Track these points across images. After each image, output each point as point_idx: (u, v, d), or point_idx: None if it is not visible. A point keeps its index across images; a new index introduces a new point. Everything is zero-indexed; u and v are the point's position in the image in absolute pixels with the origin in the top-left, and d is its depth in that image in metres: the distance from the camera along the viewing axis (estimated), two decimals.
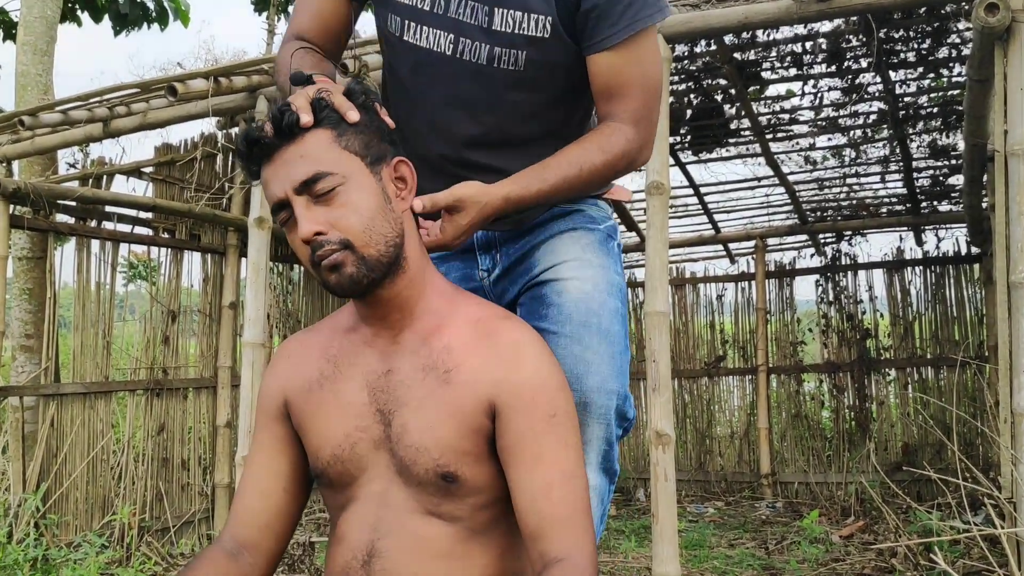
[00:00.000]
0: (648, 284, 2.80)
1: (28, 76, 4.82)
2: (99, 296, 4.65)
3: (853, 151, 5.49)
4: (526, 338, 1.35)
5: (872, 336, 5.95)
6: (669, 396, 2.72)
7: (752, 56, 4.66)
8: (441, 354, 1.34)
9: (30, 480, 4.25)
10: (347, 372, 1.39)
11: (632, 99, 1.45)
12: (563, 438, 1.30)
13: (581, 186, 1.45)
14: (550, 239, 1.59)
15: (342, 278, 1.29)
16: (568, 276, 1.54)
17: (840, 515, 5.26)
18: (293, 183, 1.28)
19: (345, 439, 1.36)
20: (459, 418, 1.31)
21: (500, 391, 1.30)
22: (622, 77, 1.44)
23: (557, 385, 1.33)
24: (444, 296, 1.41)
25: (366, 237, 1.29)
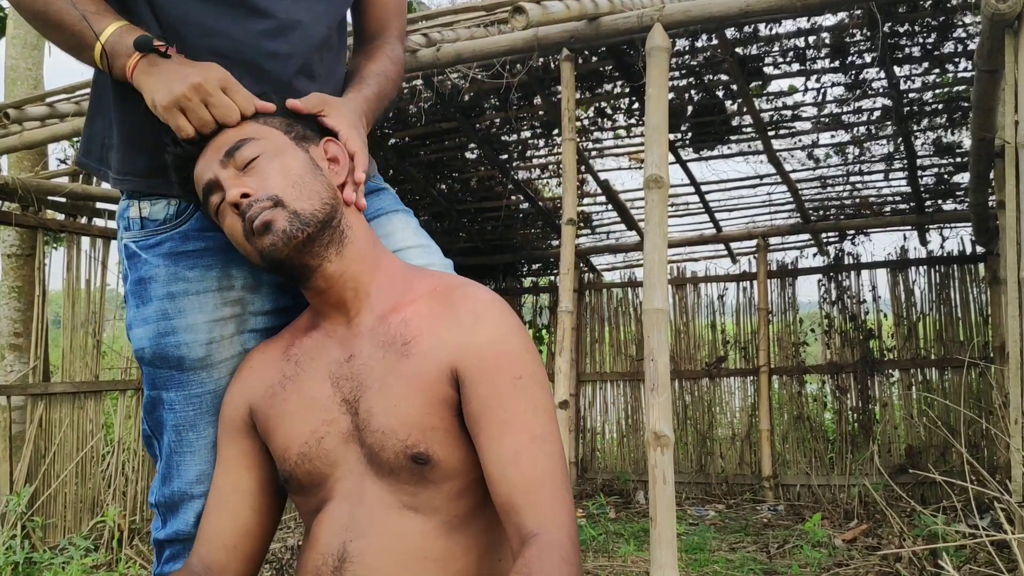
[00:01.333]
0: (646, 281, 2.71)
1: (18, 70, 4.75)
2: (89, 295, 4.57)
3: (856, 148, 5.40)
4: (485, 299, 1.28)
5: (875, 337, 5.86)
6: (668, 396, 2.63)
7: (754, 51, 4.58)
8: (399, 328, 1.27)
9: (17, 481, 4.17)
10: (309, 367, 1.32)
11: (401, 18, 1.67)
12: (531, 401, 1.22)
13: (389, 95, 1.56)
14: (375, 219, 1.52)
15: (275, 237, 1.21)
16: (422, 263, 1.49)
17: (843, 518, 5.17)
18: (218, 158, 1.25)
19: (311, 435, 1.28)
20: (422, 391, 1.23)
21: (461, 356, 1.22)
22: (393, 2, 1.64)
23: (521, 346, 1.25)
24: (398, 272, 1.35)
25: (296, 191, 1.24)
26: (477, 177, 6.10)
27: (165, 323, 1.42)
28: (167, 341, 1.42)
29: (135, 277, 1.45)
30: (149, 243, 1.44)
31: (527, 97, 5.12)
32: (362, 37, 1.65)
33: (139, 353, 1.45)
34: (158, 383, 1.45)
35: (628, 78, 4.73)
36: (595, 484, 6.27)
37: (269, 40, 1.39)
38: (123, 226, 1.48)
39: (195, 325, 1.43)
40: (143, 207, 1.45)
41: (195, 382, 1.44)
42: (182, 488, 1.46)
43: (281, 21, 1.39)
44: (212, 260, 1.44)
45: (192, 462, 1.45)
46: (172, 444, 1.46)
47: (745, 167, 7.62)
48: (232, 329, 1.45)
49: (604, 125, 5.48)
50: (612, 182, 5.93)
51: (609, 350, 6.59)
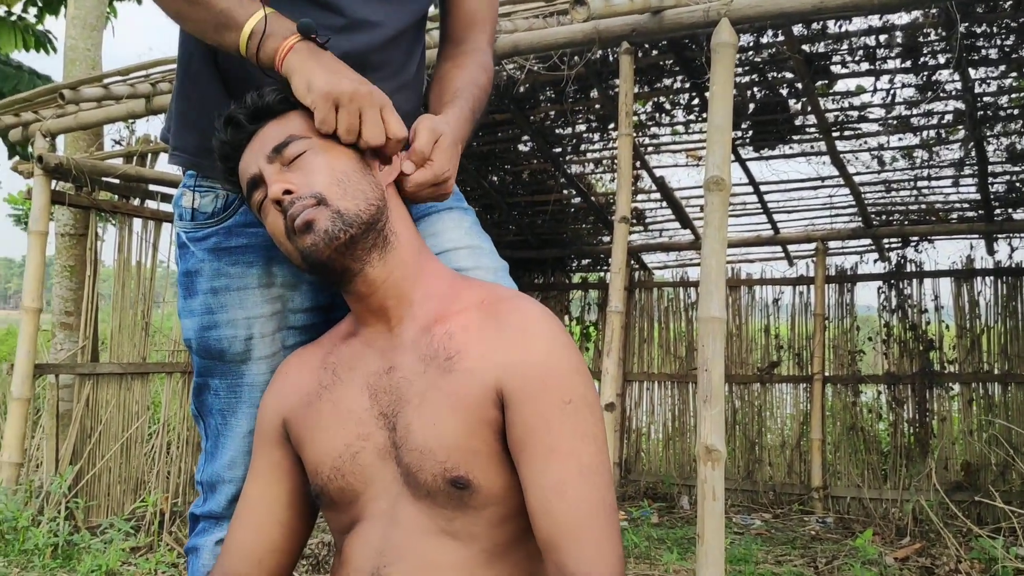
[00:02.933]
0: (703, 287, 2.61)
1: (76, 51, 4.77)
2: (139, 276, 4.59)
3: (925, 152, 5.19)
4: (535, 315, 1.18)
5: (936, 348, 5.65)
6: (721, 409, 2.52)
7: (821, 48, 4.41)
8: (442, 341, 1.19)
9: (63, 459, 4.20)
10: (347, 377, 1.24)
11: (491, 21, 1.57)
12: (580, 427, 1.12)
13: (482, 107, 1.46)
14: (425, 218, 1.46)
15: (316, 236, 1.15)
16: (469, 266, 1.42)
17: (895, 535, 4.99)
18: (264, 152, 1.19)
19: (346, 449, 1.21)
20: (465, 411, 1.14)
21: (508, 376, 1.14)
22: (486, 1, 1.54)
23: (572, 366, 1.16)
24: (444, 280, 1.27)
25: (340, 190, 1.17)
26: (529, 170, 6.01)
27: (208, 317, 1.44)
28: (210, 335, 1.44)
29: (184, 268, 1.47)
30: (197, 236, 1.45)
31: (583, 90, 5.01)
32: (449, 38, 1.57)
33: (187, 342, 1.48)
34: (204, 370, 1.48)
35: (689, 73, 4.60)
36: (639, 487, 6.16)
37: (332, 35, 1.32)
38: (177, 214, 1.49)
39: (236, 321, 1.43)
40: (195, 198, 1.45)
41: (235, 373, 1.45)
42: (217, 471, 1.48)
43: (349, 19, 1.35)
44: (254, 257, 1.42)
45: (228, 446, 1.47)
46: (218, 426, 1.48)
47: (806, 168, 7.42)
48: (272, 326, 1.45)
49: (662, 120, 5.35)
50: (668, 179, 5.80)
51: (658, 351, 6.46)
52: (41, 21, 9.36)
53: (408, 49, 1.46)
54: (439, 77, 1.50)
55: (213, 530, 1.49)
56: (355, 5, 1.35)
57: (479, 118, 1.47)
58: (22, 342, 4.06)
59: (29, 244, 4.14)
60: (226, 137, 1.25)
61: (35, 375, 4.12)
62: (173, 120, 1.46)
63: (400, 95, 1.42)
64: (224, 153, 1.27)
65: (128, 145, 4.67)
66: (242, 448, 1.44)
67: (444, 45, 1.57)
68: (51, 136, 4.22)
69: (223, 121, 1.26)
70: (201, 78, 1.39)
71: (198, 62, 1.39)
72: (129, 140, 4.71)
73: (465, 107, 1.40)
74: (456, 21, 1.55)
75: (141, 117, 4.00)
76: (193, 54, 1.40)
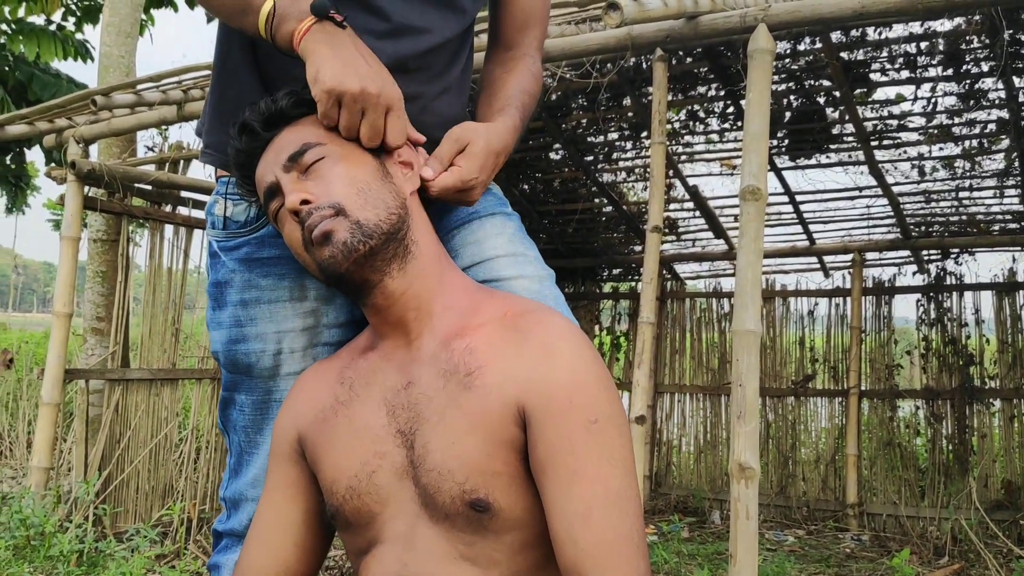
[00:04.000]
0: (738, 300, 2.53)
1: (111, 58, 4.80)
2: (170, 282, 4.59)
3: (967, 162, 5.06)
4: (559, 329, 1.13)
5: (976, 363, 5.50)
6: (756, 425, 2.45)
7: (860, 56, 4.32)
8: (463, 356, 1.13)
9: (92, 464, 4.21)
10: (364, 393, 1.19)
11: (542, 25, 1.51)
12: (607, 449, 1.07)
13: (531, 114, 1.42)
14: (466, 224, 1.39)
15: (335, 248, 1.11)
16: (511, 275, 1.36)
17: (932, 554, 4.86)
18: (281, 161, 1.15)
19: (362, 468, 1.16)
20: (485, 429, 1.09)
21: (530, 393, 1.08)
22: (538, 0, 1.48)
23: (598, 384, 1.10)
24: (466, 292, 1.22)
25: (360, 200, 1.13)
26: (560, 178, 5.96)
27: (237, 330, 1.39)
28: (238, 348, 1.39)
29: (214, 279, 1.42)
30: (229, 245, 1.40)
31: (616, 97, 4.95)
32: (499, 41, 1.52)
33: (214, 355, 1.44)
34: (231, 385, 1.43)
35: (724, 81, 4.53)
36: (669, 500, 6.06)
37: (376, 40, 1.28)
38: (209, 222, 1.44)
39: (265, 335, 1.38)
40: (228, 206, 1.40)
41: (263, 389, 1.40)
42: (241, 488, 1.44)
43: (395, 25, 1.30)
44: (286, 269, 1.37)
45: (252, 464, 1.43)
46: (242, 443, 1.44)
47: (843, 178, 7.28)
48: (304, 342, 1.39)
49: (696, 129, 5.27)
50: (701, 188, 5.72)
51: (690, 362, 6.37)
52: (80, 30, 9.48)
53: (454, 52, 1.41)
54: (489, 82, 1.45)
55: (236, 547, 1.45)
56: (402, 9, 1.30)
57: (527, 122, 1.43)
58: (52, 347, 4.08)
59: (61, 250, 4.16)
60: (241, 145, 1.22)
61: (65, 380, 4.13)
62: (207, 116, 1.42)
63: (443, 99, 1.38)
64: (239, 161, 1.24)
65: (161, 151, 4.68)
66: (266, 466, 1.39)
67: (493, 48, 1.52)
68: (84, 142, 4.24)
69: (237, 128, 1.22)
70: (239, 73, 1.35)
71: (236, 56, 1.35)
72: (162, 146, 4.73)
73: (516, 116, 1.36)
74: (507, 24, 1.50)
75: (173, 123, 4.01)
76: (232, 47, 1.35)
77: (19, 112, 4.28)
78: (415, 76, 1.33)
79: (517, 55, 1.48)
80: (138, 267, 4.71)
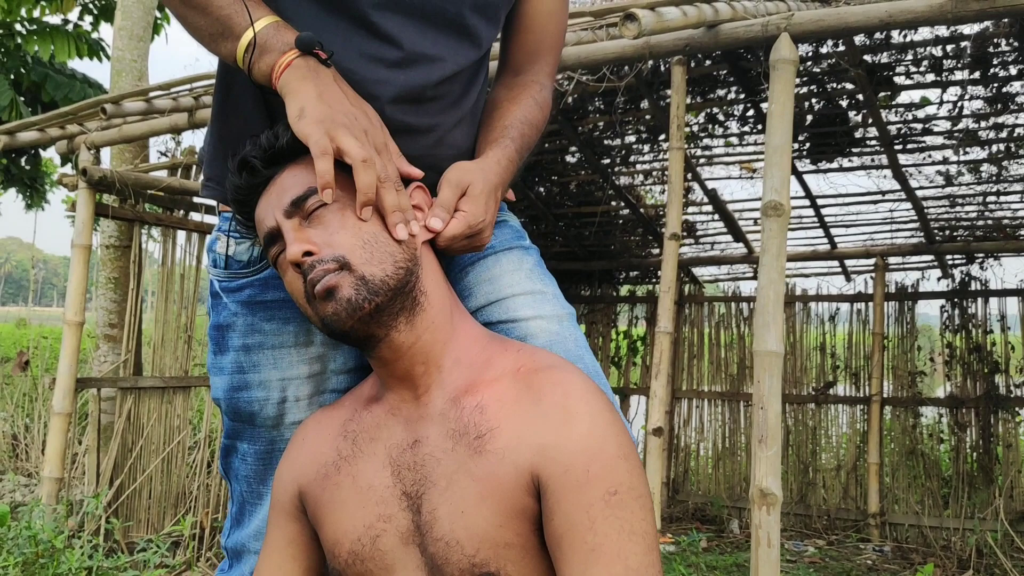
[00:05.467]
0: (759, 318, 2.45)
1: (123, 62, 4.76)
2: (182, 289, 4.55)
3: (993, 167, 4.95)
4: (576, 390, 1.05)
5: (1002, 371, 5.38)
6: (778, 450, 2.37)
7: (885, 59, 4.21)
8: (473, 415, 1.06)
9: (104, 473, 4.18)
10: (367, 449, 1.12)
11: (555, 52, 1.44)
12: (627, 523, 0.99)
13: (531, 145, 1.35)
14: (481, 260, 1.31)
15: (338, 306, 1.03)
16: (528, 316, 1.27)
17: (956, 567, 4.76)
18: (283, 206, 1.07)
19: (366, 532, 1.09)
20: (496, 498, 1.02)
21: (545, 461, 1.01)
22: (553, 26, 1.41)
23: (618, 451, 1.02)
24: (477, 343, 1.14)
25: (366, 254, 1.05)
26: (577, 181, 5.88)
27: (239, 376, 1.30)
28: (240, 396, 1.31)
29: (215, 321, 1.34)
30: (231, 286, 1.32)
31: (633, 100, 4.86)
32: (508, 65, 1.44)
33: (216, 401, 1.36)
34: (232, 433, 1.36)
35: (743, 84, 4.43)
36: (686, 508, 5.98)
37: (385, 69, 1.20)
38: (210, 259, 1.35)
39: (268, 382, 1.30)
40: (230, 244, 1.31)
41: (266, 439, 1.33)
42: (243, 540, 1.37)
43: (406, 53, 1.21)
44: (290, 313, 1.28)
45: (255, 515, 1.36)
46: (244, 493, 1.37)
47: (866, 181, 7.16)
48: (310, 389, 1.31)
49: (715, 132, 5.18)
50: (720, 191, 5.62)
51: (708, 367, 6.27)
52: (96, 28, 9.47)
53: (468, 81, 1.32)
54: (491, 107, 1.37)
55: None
56: (414, 37, 1.21)
57: (526, 157, 1.34)
58: (64, 356, 4.04)
59: (72, 257, 4.12)
60: (240, 181, 1.14)
61: (77, 389, 4.10)
62: (209, 146, 1.34)
63: (458, 130, 1.30)
64: (238, 198, 1.16)
65: (173, 157, 4.64)
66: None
67: (502, 71, 1.44)
68: (95, 148, 4.20)
69: (236, 164, 1.14)
70: (242, 102, 1.26)
71: (240, 83, 1.26)
72: (174, 152, 4.68)
73: (510, 147, 1.27)
74: (517, 50, 1.42)
75: (184, 131, 3.96)
76: (235, 74, 1.26)
77: (29, 120, 4.25)
78: (429, 107, 1.25)
79: (525, 81, 1.40)
80: (155, 261, 4.62)
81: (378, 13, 1.19)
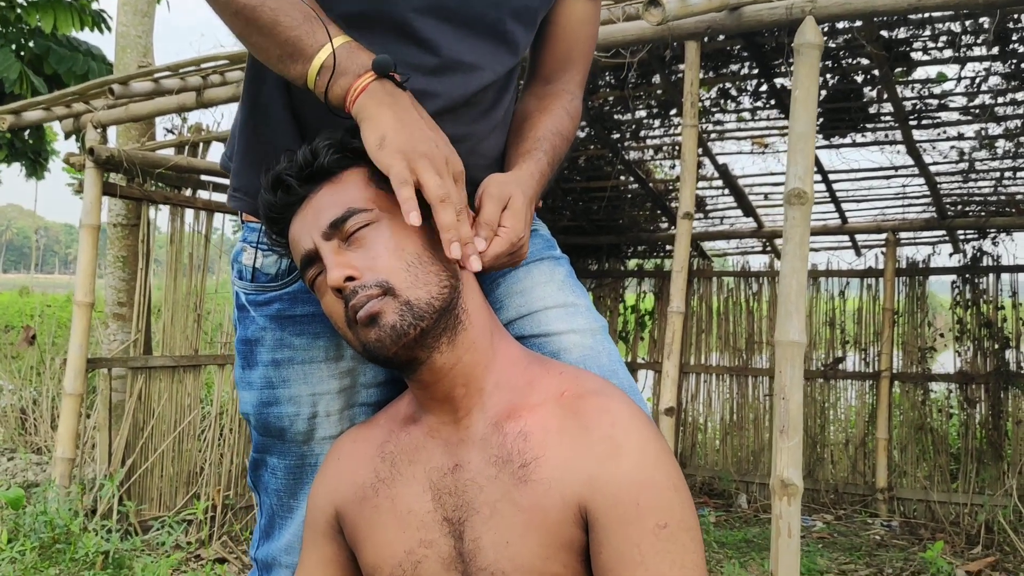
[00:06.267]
0: (781, 308, 2.43)
1: (128, 37, 4.69)
2: (191, 267, 4.52)
3: (1009, 143, 4.89)
4: (624, 418, 1.03)
5: (1012, 347, 5.37)
6: (799, 440, 2.36)
7: (902, 34, 4.14)
8: (516, 442, 1.04)
9: (115, 454, 4.18)
10: (407, 472, 1.10)
11: (585, 60, 1.41)
12: (678, 556, 0.98)
13: (563, 156, 1.33)
14: (511, 272, 1.29)
15: (382, 332, 1.01)
16: (561, 329, 1.25)
17: (965, 543, 4.78)
18: (321, 228, 1.04)
19: (407, 557, 1.07)
20: (543, 530, 1.00)
21: (593, 493, 0.99)
22: (585, 32, 1.37)
23: (667, 482, 1.00)
24: (518, 365, 1.11)
25: (411, 277, 1.02)
26: (586, 156, 5.83)
27: (268, 392, 1.28)
28: (269, 411, 1.29)
29: (242, 335, 1.31)
30: (258, 300, 1.28)
31: (645, 75, 4.80)
32: (537, 74, 1.40)
33: (244, 416, 1.34)
34: (262, 447, 1.34)
35: (757, 59, 4.37)
36: (694, 482, 6.00)
37: (423, 76, 1.16)
38: (236, 271, 1.32)
39: (299, 397, 1.27)
40: (257, 256, 1.28)
41: (297, 454, 1.31)
42: (274, 553, 1.35)
43: (444, 60, 1.17)
44: (321, 328, 1.25)
45: (286, 528, 1.34)
46: (274, 506, 1.35)
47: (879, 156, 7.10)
48: (340, 404, 1.29)
49: (727, 107, 5.12)
50: (731, 165, 5.57)
51: (716, 342, 6.26)
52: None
53: (501, 88, 1.29)
54: (522, 117, 1.33)
55: None
56: (451, 43, 1.17)
57: (558, 168, 1.31)
58: (74, 336, 4.02)
59: (81, 238, 4.09)
60: (274, 199, 1.10)
61: (88, 370, 4.09)
62: (236, 155, 1.29)
63: (491, 139, 1.28)
64: (271, 216, 1.13)
65: (180, 134, 4.59)
66: (301, 533, 1.31)
67: (531, 79, 1.41)
68: (102, 127, 4.15)
69: (270, 181, 1.10)
70: (272, 110, 1.21)
71: (270, 90, 1.21)
72: (181, 129, 4.63)
73: (543, 160, 1.24)
74: (548, 58, 1.38)
75: (192, 110, 3.91)
76: (265, 80, 1.22)
77: (35, 99, 4.19)
78: (463, 115, 1.22)
79: (556, 91, 1.36)
80: (158, 230, 4.56)
81: (420, 18, 1.15)
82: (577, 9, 1.35)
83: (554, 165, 1.28)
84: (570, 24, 1.35)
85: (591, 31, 1.39)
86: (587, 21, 1.37)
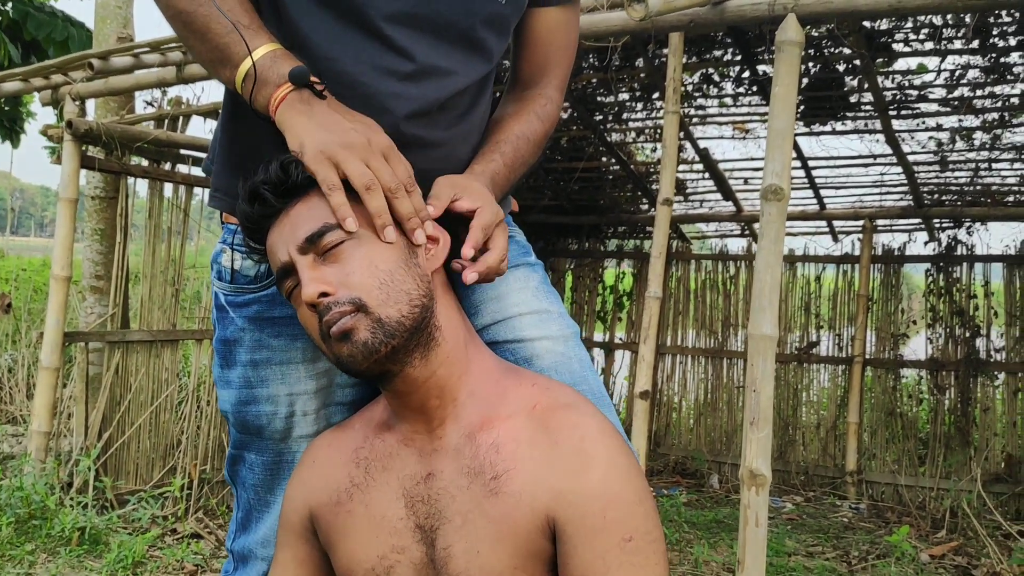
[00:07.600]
0: (755, 302, 2.47)
1: (107, 8, 4.64)
2: (169, 241, 4.51)
3: (986, 135, 4.94)
4: (593, 433, 1.06)
5: (983, 335, 5.46)
6: (769, 432, 2.41)
7: (884, 25, 4.17)
8: (488, 454, 1.07)
9: (92, 426, 4.19)
10: (380, 478, 1.13)
11: (564, 66, 1.42)
12: (641, 569, 1.01)
13: (528, 160, 1.34)
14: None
15: (354, 348, 1.03)
16: (534, 336, 1.28)
17: (930, 527, 4.89)
18: (297, 242, 1.06)
19: (379, 562, 1.10)
20: (512, 540, 1.03)
21: (561, 506, 1.02)
22: (561, 39, 1.39)
23: (634, 496, 1.04)
24: (491, 376, 1.14)
25: (382, 295, 1.04)
26: (568, 136, 5.83)
27: (247, 391, 1.31)
28: (248, 410, 1.32)
29: (221, 335, 1.34)
30: (237, 301, 1.31)
31: (628, 58, 4.80)
32: (517, 78, 1.42)
33: (223, 414, 1.37)
34: (240, 444, 1.37)
35: (740, 45, 4.38)
36: (667, 461, 6.09)
37: (398, 81, 1.18)
38: (215, 271, 1.34)
39: (277, 397, 1.30)
40: (236, 258, 1.30)
41: (274, 451, 1.34)
42: (250, 546, 1.39)
43: (419, 65, 1.19)
44: (299, 330, 1.28)
45: (263, 522, 1.38)
46: (251, 501, 1.39)
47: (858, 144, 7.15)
48: (317, 403, 1.32)
49: (709, 92, 5.13)
50: (711, 150, 5.60)
51: (693, 323, 6.32)
52: None
53: (475, 95, 1.30)
54: (494, 121, 1.36)
55: None
56: (425, 49, 1.19)
57: (525, 168, 1.34)
58: (51, 311, 4.01)
59: (59, 211, 4.06)
60: (251, 211, 1.12)
61: (65, 343, 4.08)
62: (217, 155, 1.31)
63: (465, 144, 1.29)
64: (248, 226, 1.14)
65: (159, 108, 4.55)
66: (276, 527, 1.34)
67: (512, 85, 1.43)
68: (81, 100, 4.11)
69: (247, 192, 1.12)
70: (251, 113, 1.21)
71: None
72: (161, 101, 4.59)
73: (497, 161, 1.27)
74: (525, 64, 1.40)
75: (172, 86, 3.88)
76: None
77: (12, 70, 4.14)
78: (439, 119, 1.23)
79: (531, 95, 1.39)
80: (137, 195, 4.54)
81: (390, 26, 1.17)
82: (552, 16, 1.36)
83: (514, 167, 1.30)
84: (546, 30, 1.37)
85: (569, 37, 1.40)
86: (563, 27, 1.38)
